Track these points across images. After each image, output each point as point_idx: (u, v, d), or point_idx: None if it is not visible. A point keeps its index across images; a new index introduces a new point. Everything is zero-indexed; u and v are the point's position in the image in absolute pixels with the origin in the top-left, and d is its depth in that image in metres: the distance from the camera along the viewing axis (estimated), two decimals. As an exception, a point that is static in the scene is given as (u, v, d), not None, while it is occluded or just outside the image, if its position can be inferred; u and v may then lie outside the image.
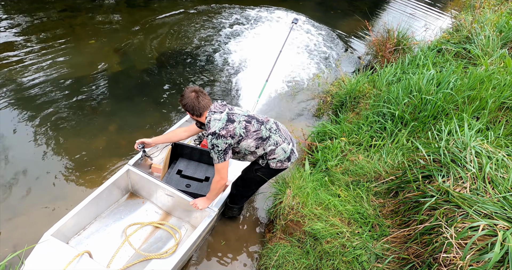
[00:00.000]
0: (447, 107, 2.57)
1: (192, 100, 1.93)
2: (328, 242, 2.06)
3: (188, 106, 1.95)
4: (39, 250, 1.81)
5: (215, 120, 1.91)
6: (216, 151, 1.90)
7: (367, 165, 2.50)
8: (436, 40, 3.97)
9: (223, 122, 1.90)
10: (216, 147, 1.89)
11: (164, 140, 2.33)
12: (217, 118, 1.91)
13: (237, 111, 2.03)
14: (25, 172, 2.79)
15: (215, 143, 1.88)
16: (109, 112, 3.58)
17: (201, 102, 1.94)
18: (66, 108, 3.50)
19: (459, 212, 1.59)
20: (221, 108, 1.99)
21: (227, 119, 1.91)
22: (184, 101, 1.95)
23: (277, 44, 3.72)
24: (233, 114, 1.96)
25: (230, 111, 1.98)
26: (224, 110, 1.98)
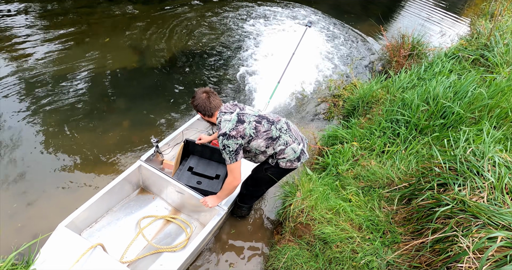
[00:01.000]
0: (465, 115, 2.53)
1: (204, 101, 1.96)
2: (338, 247, 2.04)
3: (200, 107, 1.98)
4: (54, 240, 1.84)
5: (226, 121, 1.93)
6: (227, 151, 1.92)
7: (379, 171, 2.47)
8: (454, 47, 3.91)
9: (233, 123, 1.91)
10: (227, 148, 1.91)
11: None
12: (227, 119, 1.93)
13: (248, 111, 2.03)
14: (39, 164, 2.84)
15: (226, 144, 1.90)
16: (122, 108, 3.63)
17: (212, 102, 1.97)
18: (80, 103, 3.56)
19: (475, 222, 1.56)
20: (231, 108, 2.01)
21: (237, 120, 1.93)
22: (195, 102, 1.99)
23: (291, 45, 3.72)
24: (244, 115, 1.97)
25: (241, 112, 1.99)
26: (235, 110, 1.99)
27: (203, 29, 5.40)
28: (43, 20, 4.83)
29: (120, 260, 2.11)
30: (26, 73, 3.80)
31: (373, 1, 8.63)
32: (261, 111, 2.12)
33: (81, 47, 4.40)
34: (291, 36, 5.58)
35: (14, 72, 3.77)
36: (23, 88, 3.60)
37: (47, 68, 3.94)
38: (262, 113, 2.09)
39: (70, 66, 4.06)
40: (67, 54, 4.23)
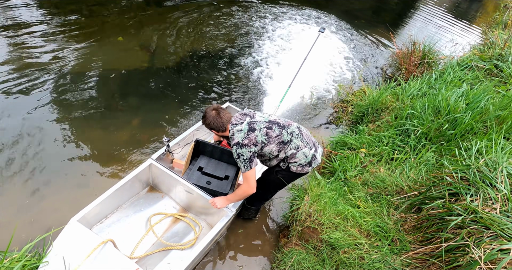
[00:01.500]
0: (476, 126, 2.52)
1: (215, 118, 2.05)
2: (345, 252, 2.04)
3: (212, 124, 2.06)
4: (66, 234, 1.87)
5: (238, 131, 1.99)
6: (242, 160, 1.97)
7: (388, 178, 2.47)
8: (466, 56, 3.90)
9: (244, 132, 1.97)
10: (242, 156, 1.95)
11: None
12: (239, 129, 1.99)
13: (258, 118, 2.07)
14: (52, 160, 2.88)
15: (240, 153, 1.95)
16: (133, 107, 3.67)
17: (223, 117, 2.05)
18: (92, 101, 3.61)
19: (487, 233, 1.56)
20: (242, 118, 2.06)
21: (248, 129, 1.98)
22: (207, 120, 2.07)
23: (303, 50, 3.74)
24: (254, 123, 2.02)
25: (251, 120, 2.03)
26: (245, 119, 2.04)
27: (215, 30, 5.45)
28: (55, 16, 4.92)
29: (130, 256, 2.13)
30: (37, 69, 3.87)
31: (384, 7, 8.64)
32: (271, 116, 2.14)
33: (94, 45, 4.47)
34: (303, 38, 5.63)
35: (25, 67, 3.84)
36: (35, 85, 3.66)
37: (59, 65, 4.00)
38: (272, 118, 2.11)
39: (82, 63, 4.11)
40: (80, 52, 4.30)
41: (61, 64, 4.02)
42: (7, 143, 2.92)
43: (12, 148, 2.90)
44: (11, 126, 3.09)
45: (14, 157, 2.82)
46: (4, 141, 2.93)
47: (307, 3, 7.22)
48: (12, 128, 3.07)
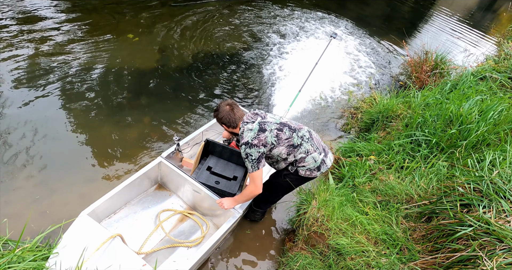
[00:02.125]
0: (489, 137, 2.49)
1: (228, 113, 2.05)
2: (352, 259, 2.02)
3: (224, 119, 2.07)
4: (76, 227, 1.90)
5: (248, 130, 1.98)
6: (250, 160, 1.96)
7: (398, 186, 2.45)
8: (481, 67, 3.87)
9: (255, 131, 1.96)
10: (250, 156, 1.95)
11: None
12: (249, 128, 1.98)
13: (270, 119, 2.06)
14: (62, 155, 2.93)
15: (248, 152, 1.94)
16: (144, 105, 3.71)
17: (236, 114, 2.05)
18: (104, 98, 3.66)
19: (500, 246, 1.53)
20: (253, 117, 2.05)
21: (259, 129, 1.97)
22: (220, 114, 2.07)
23: (315, 55, 3.75)
24: (265, 123, 2.01)
25: (262, 120, 2.02)
26: (256, 119, 2.03)
27: (227, 31, 5.50)
28: (72, 13, 5.02)
29: (138, 251, 2.14)
30: (50, 64, 3.94)
31: (395, 15, 8.62)
32: (282, 118, 2.14)
33: (107, 42, 4.54)
34: (315, 42, 5.66)
35: (42, 63, 3.92)
36: (47, 79, 3.73)
37: (74, 61, 4.07)
38: (284, 120, 2.11)
39: (95, 60, 4.18)
40: (93, 48, 4.37)
41: (73, 59, 4.09)
42: (20, 137, 2.98)
43: (25, 142, 2.95)
44: (23, 119, 3.15)
45: (27, 151, 2.87)
46: (17, 135, 2.99)
47: (318, 7, 7.26)
48: (24, 122, 3.13)
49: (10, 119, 3.11)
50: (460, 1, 11.56)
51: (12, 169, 2.68)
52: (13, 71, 3.70)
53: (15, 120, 3.11)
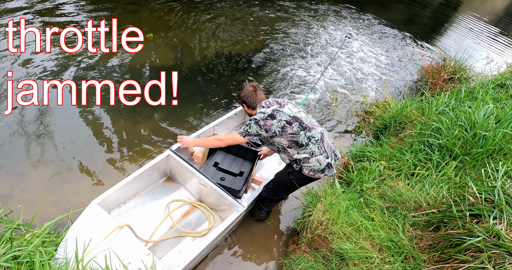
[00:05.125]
0: (506, 147, 2.39)
1: (251, 93, 2.19)
2: (355, 265, 1.99)
3: (246, 98, 2.19)
4: (86, 215, 1.96)
5: (261, 112, 2.07)
6: (246, 127, 2.06)
7: (406, 193, 2.39)
8: (500, 74, 3.73)
9: (265, 115, 2.03)
10: (248, 127, 2.05)
11: (201, 145, 2.47)
12: (262, 111, 2.07)
13: (286, 110, 2.07)
14: (75, 147, 3.03)
15: (250, 125, 2.05)
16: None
17: (259, 96, 2.19)
18: (116, 93, 3.75)
19: (510, 259, 1.47)
20: (271, 103, 2.11)
21: (269, 114, 2.04)
22: (243, 93, 2.21)
23: (329, 53, 3.73)
24: (278, 112, 2.04)
25: (278, 108, 2.06)
26: (273, 105, 2.09)
27: (244, 31, 5.55)
28: (92, 12, 5.19)
29: (147, 240, 2.19)
30: (65, 64, 4.09)
31: (416, 20, 8.44)
32: (301, 112, 2.12)
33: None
34: (333, 43, 5.63)
35: (55, 54, 4.06)
36: (60, 71, 3.85)
37: (89, 59, 4.20)
38: (300, 115, 2.10)
39: (109, 55, 4.28)
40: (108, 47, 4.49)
41: (88, 55, 4.21)
42: (36, 129, 3.10)
43: (41, 133, 3.07)
44: (36, 113, 3.26)
45: (42, 142, 2.99)
46: (33, 127, 3.11)
47: (340, 8, 7.21)
48: (40, 115, 3.25)
49: (27, 111, 3.23)
50: (486, 5, 11.18)
51: (30, 159, 2.79)
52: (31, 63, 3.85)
53: (32, 113, 3.24)
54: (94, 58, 4.20)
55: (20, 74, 3.71)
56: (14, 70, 3.73)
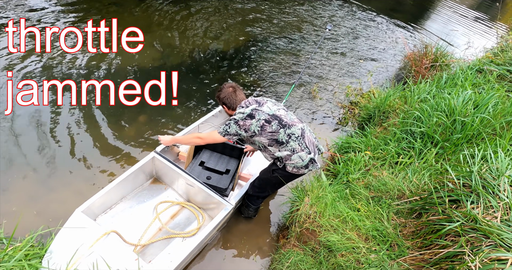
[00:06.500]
0: (483, 131, 2.45)
1: (230, 94, 2.16)
2: (342, 256, 2.03)
3: (225, 99, 2.17)
4: (70, 224, 1.93)
5: (240, 112, 2.07)
6: (225, 127, 2.07)
7: (390, 182, 2.43)
8: (478, 59, 3.79)
9: (244, 115, 2.04)
10: (227, 126, 2.06)
11: (180, 142, 2.50)
12: (241, 112, 2.06)
13: (265, 108, 2.07)
14: (58, 153, 2.96)
15: (230, 123, 2.06)
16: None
17: (238, 96, 2.16)
18: (100, 95, 3.68)
19: (486, 242, 1.52)
20: (251, 103, 2.11)
21: (248, 114, 2.04)
22: (222, 94, 2.19)
23: (309, 46, 3.73)
24: (257, 111, 2.04)
25: (256, 108, 2.06)
26: (252, 104, 2.09)
27: (226, 27, 5.49)
28: (73, 13, 5.05)
29: (135, 244, 2.18)
30: (46, 65, 3.99)
31: (398, 9, 8.47)
32: (280, 110, 2.12)
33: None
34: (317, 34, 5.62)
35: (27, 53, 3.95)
36: (35, 73, 3.76)
37: (73, 58, 4.11)
38: (280, 112, 2.09)
39: (94, 56, 4.20)
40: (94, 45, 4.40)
41: (69, 55, 4.11)
42: (15, 136, 3.03)
43: (20, 140, 3.01)
44: (20, 118, 3.19)
45: (22, 150, 2.92)
46: (12, 133, 3.04)
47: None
48: (21, 120, 3.18)
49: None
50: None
51: (9, 169, 2.73)
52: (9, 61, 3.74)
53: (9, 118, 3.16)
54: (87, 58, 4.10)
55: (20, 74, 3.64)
56: (13, 70, 3.67)
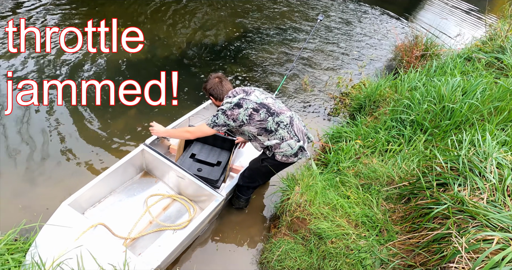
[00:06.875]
0: (472, 117, 2.46)
1: (216, 84, 2.12)
2: (332, 243, 2.03)
3: (212, 90, 2.14)
4: (56, 218, 1.89)
5: (227, 103, 2.04)
6: (214, 118, 2.04)
7: (380, 169, 2.44)
8: (467, 48, 3.81)
9: (232, 105, 2.01)
10: (215, 117, 2.03)
11: (171, 136, 2.46)
12: (228, 101, 2.04)
13: (253, 97, 2.04)
14: (45, 148, 2.91)
15: (218, 116, 2.03)
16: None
17: (224, 87, 2.12)
18: (88, 90, 3.62)
19: (473, 223, 1.53)
20: (238, 93, 2.08)
21: (236, 103, 2.01)
22: (208, 85, 2.15)
23: (305, 37, 3.69)
24: (244, 100, 2.02)
25: (244, 97, 2.04)
26: (239, 94, 2.06)
27: (218, 18, 5.42)
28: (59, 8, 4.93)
29: (125, 237, 2.15)
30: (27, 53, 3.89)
31: (390, 0, 8.46)
32: (268, 98, 2.10)
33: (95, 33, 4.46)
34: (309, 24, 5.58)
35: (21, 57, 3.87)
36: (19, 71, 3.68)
37: (56, 52, 4.02)
38: (267, 101, 2.07)
39: (80, 51, 4.12)
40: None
41: (56, 51, 4.02)
42: (5, 134, 2.97)
43: (7, 136, 2.94)
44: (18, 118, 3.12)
45: (8, 145, 2.86)
46: (5, 131, 2.97)
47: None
48: (19, 119, 3.11)
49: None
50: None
51: None
52: None
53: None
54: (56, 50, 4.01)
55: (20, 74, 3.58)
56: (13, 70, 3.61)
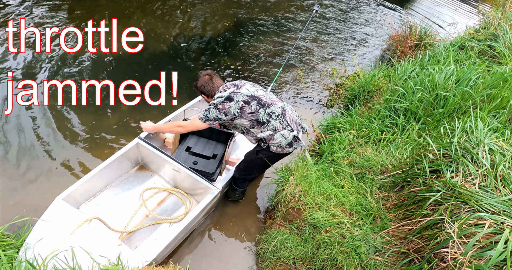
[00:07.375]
0: (464, 105, 2.47)
1: (207, 82, 2.14)
2: (327, 232, 2.04)
3: (203, 88, 2.16)
4: (50, 213, 1.87)
5: (218, 97, 2.05)
6: (206, 113, 2.05)
7: (374, 158, 2.44)
8: (460, 36, 3.80)
9: (223, 99, 2.01)
10: (207, 112, 2.05)
11: (162, 130, 2.50)
12: (219, 96, 2.05)
13: (243, 90, 2.04)
14: (38, 143, 2.88)
15: (210, 110, 2.04)
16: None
17: (215, 83, 2.14)
18: (81, 86, 3.56)
19: (465, 208, 1.54)
20: (228, 87, 2.08)
21: (227, 97, 2.01)
22: (199, 83, 2.16)
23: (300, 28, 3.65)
24: (235, 93, 2.02)
25: (234, 90, 2.04)
26: (230, 88, 2.07)
27: (211, 11, 5.34)
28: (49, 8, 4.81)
29: (121, 231, 2.14)
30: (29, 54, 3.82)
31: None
32: (259, 91, 2.10)
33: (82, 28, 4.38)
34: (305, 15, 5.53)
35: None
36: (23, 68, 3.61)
37: (49, 48, 3.94)
38: (258, 93, 2.07)
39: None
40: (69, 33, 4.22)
41: (45, 46, 3.94)
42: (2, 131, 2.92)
43: (7, 135, 2.89)
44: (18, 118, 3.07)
45: (6, 142, 2.82)
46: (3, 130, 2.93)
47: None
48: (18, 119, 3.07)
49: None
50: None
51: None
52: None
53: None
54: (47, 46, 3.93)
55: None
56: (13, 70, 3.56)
